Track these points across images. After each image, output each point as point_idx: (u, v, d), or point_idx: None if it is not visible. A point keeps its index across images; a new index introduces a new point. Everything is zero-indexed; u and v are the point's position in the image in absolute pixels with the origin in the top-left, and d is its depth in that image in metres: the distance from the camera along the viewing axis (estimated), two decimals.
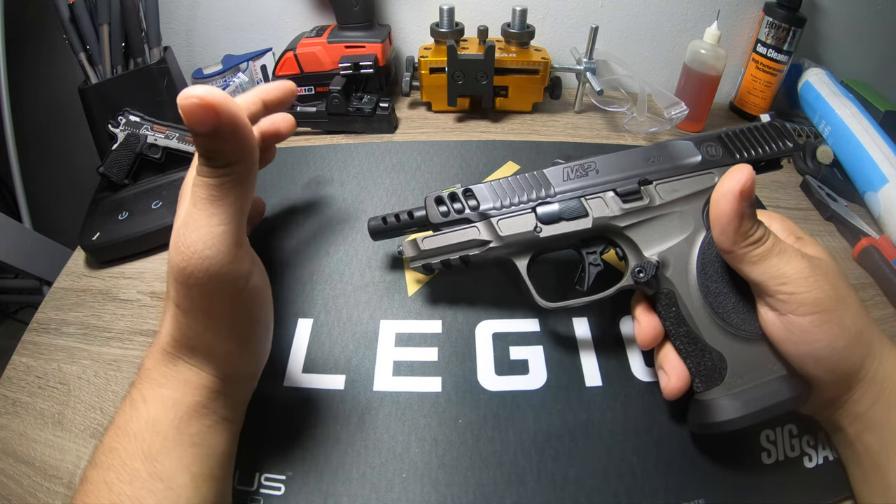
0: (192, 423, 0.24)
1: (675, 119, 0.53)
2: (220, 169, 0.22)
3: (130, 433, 0.23)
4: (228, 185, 0.23)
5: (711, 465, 0.30)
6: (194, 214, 0.23)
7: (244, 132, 0.22)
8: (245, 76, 0.61)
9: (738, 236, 0.26)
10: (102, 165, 0.45)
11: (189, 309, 0.24)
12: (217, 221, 0.23)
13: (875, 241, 0.44)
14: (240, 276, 0.24)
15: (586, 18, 0.63)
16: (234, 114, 0.21)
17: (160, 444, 0.23)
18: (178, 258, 0.23)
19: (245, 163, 0.23)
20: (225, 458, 0.26)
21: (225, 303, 0.24)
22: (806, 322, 0.25)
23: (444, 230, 0.33)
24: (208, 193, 0.23)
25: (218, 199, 0.23)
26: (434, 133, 0.56)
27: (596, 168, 0.32)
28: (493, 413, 0.31)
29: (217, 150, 0.22)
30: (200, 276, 0.23)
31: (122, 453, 0.22)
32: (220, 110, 0.21)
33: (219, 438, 0.26)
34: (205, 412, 0.25)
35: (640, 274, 0.30)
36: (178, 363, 0.25)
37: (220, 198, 0.23)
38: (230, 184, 0.23)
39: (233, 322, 0.25)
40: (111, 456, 0.23)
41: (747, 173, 0.26)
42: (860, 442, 0.27)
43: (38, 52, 0.74)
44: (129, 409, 0.24)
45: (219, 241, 0.23)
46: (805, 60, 0.62)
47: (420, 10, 0.63)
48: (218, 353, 0.26)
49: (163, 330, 0.25)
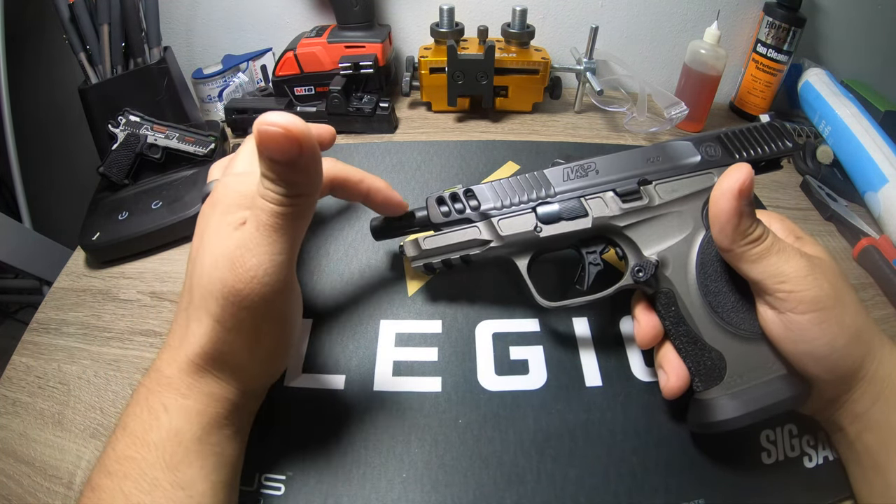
0: (213, 434, 0.24)
1: (675, 119, 0.53)
2: (291, 198, 0.22)
3: (150, 443, 0.23)
4: (294, 216, 0.23)
5: (711, 465, 0.30)
6: (256, 238, 0.22)
7: (319, 166, 0.22)
8: (245, 76, 0.62)
9: (737, 234, 0.26)
10: (102, 165, 0.45)
11: (232, 328, 0.24)
12: (279, 249, 0.23)
13: (875, 241, 0.44)
14: (291, 303, 0.25)
15: (586, 18, 0.63)
16: (314, 146, 0.21)
17: (182, 454, 0.23)
18: (235, 279, 0.22)
19: (314, 196, 0.23)
20: (238, 465, 0.27)
21: (273, 325, 0.25)
22: (805, 320, 0.25)
23: (445, 230, 0.33)
24: (274, 221, 0.22)
25: (283, 228, 0.22)
26: (434, 133, 0.56)
27: (596, 168, 0.32)
28: (493, 413, 0.31)
29: (293, 181, 0.22)
30: (256, 300, 0.23)
31: (142, 462, 0.22)
32: (303, 142, 0.20)
33: (233, 447, 0.26)
34: (225, 423, 0.25)
35: (639, 273, 0.30)
36: (206, 376, 0.25)
37: (285, 227, 0.23)
38: (296, 214, 0.23)
39: (273, 344, 0.26)
40: (128, 465, 0.22)
41: (746, 172, 0.26)
42: (860, 442, 0.27)
43: (38, 52, 0.74)
44: (147, 416, 0.23)
45: (279, 269, 0.23)
46: (805, 60, 0.62)
47: (420, 10, 0.63)
48: (250, 370, 0.26)
49: (191, 340, 0.24)
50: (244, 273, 0.22)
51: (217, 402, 0.25)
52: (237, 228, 0.23)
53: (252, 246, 0.22)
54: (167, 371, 0.24)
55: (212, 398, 0.25)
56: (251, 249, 0.22)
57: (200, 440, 0.24)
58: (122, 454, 0.22)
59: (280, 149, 0.20)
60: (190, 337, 0.24)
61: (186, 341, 0.24)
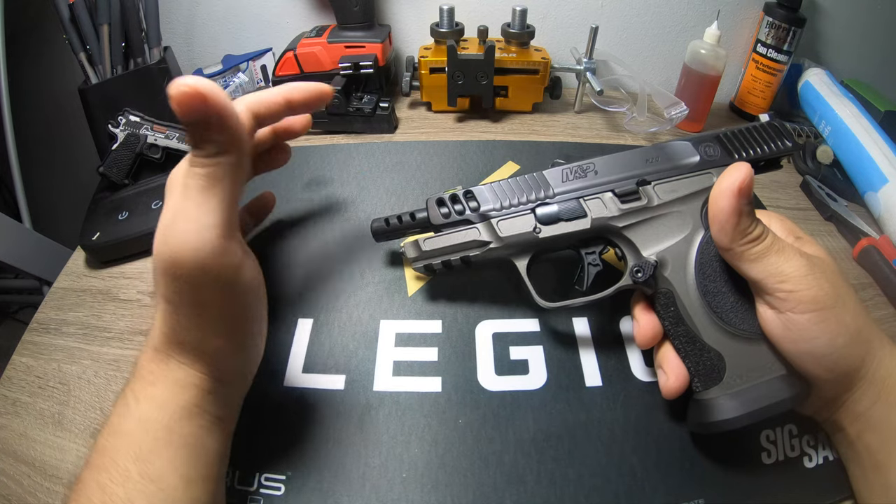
0: (185, 424, 0.24)
1: (675, 119, 0.53)
2: (211, 158, 0.23)
3: (122, 432, 0.23)
4: (219, 175, 0.23)
5: (711, 465, 0.30)
6: (184, 205, 0.23)
7: (232, 121, 0.23)
8: (245, 76, 0.62)
9: (737, 234, 0.26)
10: (102, 165, 0.45)
11: (178, 303, 0.23)
12: (207, 211, 0.23)
13: (875, 241, 0.44)
14: (230, 268, 0.24)
15: (586, 18, 0.63)
16: (222, 102, 0.22)
17: (151, 443, 0.23)
18: (167, 249, 0.22)
19: (235, 153, 0.23)
20: (218, 459, 0.26)
21: (215, 295, 0.24)
22: (804, 320, 0.25)
23: (445, 231, 0.33)
24: (198, 183, 0.23)
25: (208, 189, 0.23)
26: (434, 133, 0.56)
27: (595, 169, 0.32)
28: (493, 413, 0.31)
29: (206, 138, 0.22)
30: (190, 268, 0.22)
31: (114, 453, 0.22)
32: (209, 98, 0.21)
33: (211, 439, 0.25)
34: (197, 412, 0.25)
35: (638, 274, 0.30)
36: (170, 361, 0.25)
37: (210, 187, 0.23)
38: (220, 174, 0.23)
39: (223, 316, 0.25)
40: (103, 456, 0.22)
41: (745, 171, 0.26)
42: (860, 441, 0.27)
43: (38, 52, 0.74)
44: (121, 408, 0.24)
45: (209, 231, 0.23)
46: (805, 60, 0.62)
47: (420, 10, 0.63)
48: (208, 349, 0.25)
49: (154, 328, 0.25)
50: (174, 240, 0.22)
51: (184, 388, 0.24)
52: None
53: (180, 213, 0.23)
54: (140, 362, 0.25)
55: (178, 385, 0.24)
56: (179, 216, 0.23)
57: (170, 429, 0.23)
58: (100, 445, 0.23)
59: (189, 107, 0.21)
60: (154, 326, 0.25)
61: (151, 331, 0.25)
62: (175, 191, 0.24)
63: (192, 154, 0.23)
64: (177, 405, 0.24)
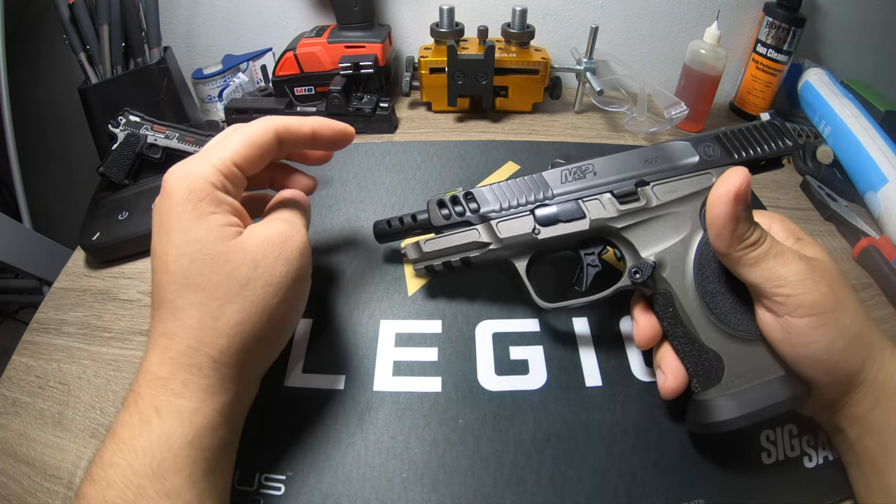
0: (206, 438, 0.23)
1: (675, 119, 0.53)
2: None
3: (138, 449, 0.22)
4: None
5: (711, 465, 0.30)
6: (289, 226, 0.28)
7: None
8: (245, 76, 0.61)
9: (734, 239, 0.26)
10: (102, 165, 0.45)
11: (263, 311, 0.25)
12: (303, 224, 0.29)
13: (875, 241, 0.44)
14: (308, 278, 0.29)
15: (586, 18, 0.63)
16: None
17: (171, 460, 0.22)
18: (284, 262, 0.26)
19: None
20: (229, 468, 0.26)
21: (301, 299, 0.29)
22: (803, 324, 0.25)
23: (445, 232, 0.33)
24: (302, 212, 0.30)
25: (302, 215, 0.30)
26: (434, 133, 0.56)
27: (594, 170, 0.32)
28: (493, 413, 0.31)
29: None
30: (303, 273, 0.27)
31: (127, 470, 0.21)
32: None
33: (226, 449, 0.25)
34: (220, 423, 0.24)
35: (636, 275, 0.30)
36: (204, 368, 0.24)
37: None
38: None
39: (288, 317, 0.28)
40: (113, 472, 0.21)
41: (742, 176, 0.25)
42: (860, 444, 0.27)
43: (38, 52, 0.74)
44: (137, 422, 0.22)
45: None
46: (805, 60, 0.62)
47: (420, 10, 0.63)
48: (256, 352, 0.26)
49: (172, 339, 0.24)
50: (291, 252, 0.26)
51: (213, 397, 0.24)
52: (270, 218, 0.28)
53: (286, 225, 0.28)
54: (160, 371, 0.23)
55: (208, 393, 0.24)
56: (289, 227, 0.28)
57: (192, 444, 0.22)
58: (108, 461, 0.22)
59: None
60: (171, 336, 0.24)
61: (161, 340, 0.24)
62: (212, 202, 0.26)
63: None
64: (203, 417, 0.23)
